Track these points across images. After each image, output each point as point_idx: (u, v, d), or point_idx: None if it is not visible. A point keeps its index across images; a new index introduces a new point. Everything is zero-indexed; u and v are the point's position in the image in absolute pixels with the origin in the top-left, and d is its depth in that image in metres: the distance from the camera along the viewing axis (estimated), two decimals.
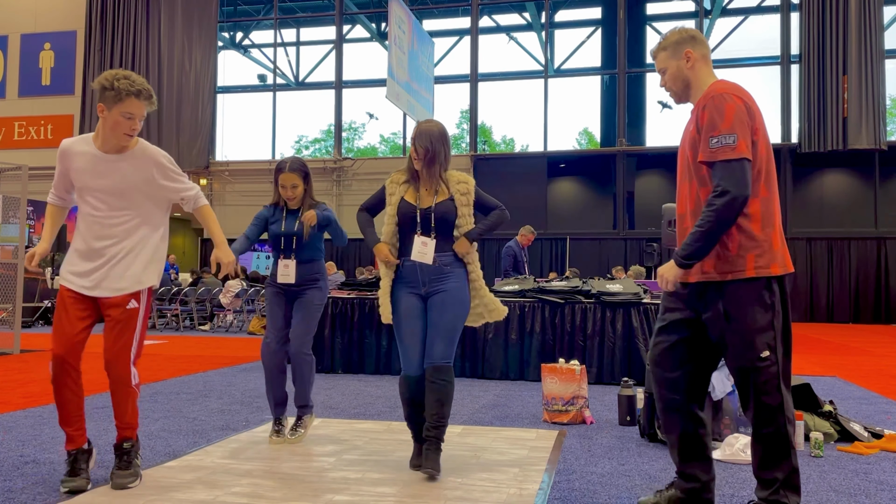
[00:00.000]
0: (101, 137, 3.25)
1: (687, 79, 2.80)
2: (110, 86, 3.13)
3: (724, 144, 2.56)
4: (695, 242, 2.61)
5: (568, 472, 3.59)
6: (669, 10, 20.86)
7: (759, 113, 2.67)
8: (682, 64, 2.79)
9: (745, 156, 2.55)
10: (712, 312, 2.71)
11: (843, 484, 3.40)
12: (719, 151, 2.57)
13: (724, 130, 2.56)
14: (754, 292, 2.65)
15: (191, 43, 19.87)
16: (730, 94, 2.61)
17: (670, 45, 2.81)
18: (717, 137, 2.57)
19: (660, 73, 2.86)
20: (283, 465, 3.66)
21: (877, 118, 16.45)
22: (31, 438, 4.18)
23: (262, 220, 4.20)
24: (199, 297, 13.29)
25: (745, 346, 2.65)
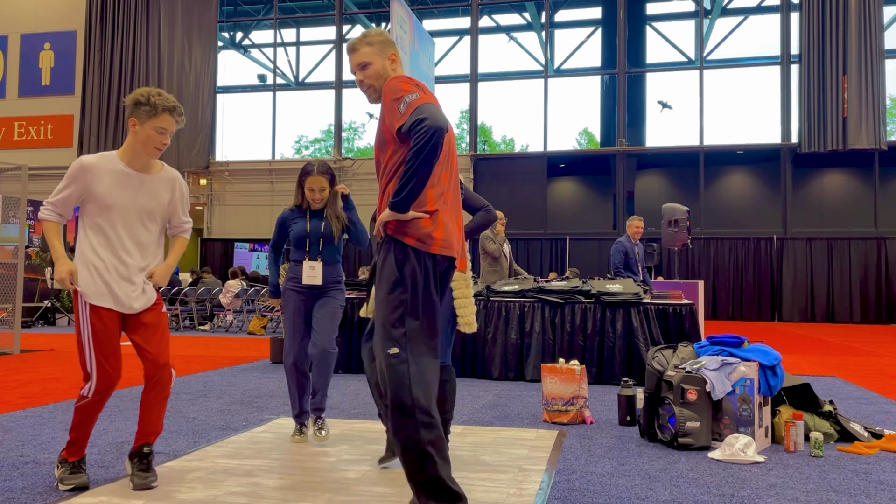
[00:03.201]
0: (131, 154, 3.27)
1: (388, 77, 2.87)
2: (146, 101, 3.20)
3: (408, 101, 2.62)
4: (401, 182, 2.64)
5: (568, 472, 3.59)
6: (669, 9, 20.87)
7: (436, 103, 2.73)
8: (388, 63, 2.88)
9: (427, 101, 2.62)
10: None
11: (843, 484, 3.40)
12: (407, 108, 2.62)
13: (406, 91, 2.65)
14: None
15: (191, 43, 19.87)
16: (400, 77, 2.73)
17: (377, 43, 2.87)
18: (402, 99, 2.64)
19: (358, 67, 2.89)
20: (283, 465, 3.66)
21: (877, 118, 16.45)
22: (31, 438, 4.18)
23: (279, 225, 4.20)
24: (199, 297, 13.29)
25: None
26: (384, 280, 2.70)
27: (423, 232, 2.70)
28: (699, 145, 18.00)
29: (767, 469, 3.66)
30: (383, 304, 2.69)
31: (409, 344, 2.65)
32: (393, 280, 2.68)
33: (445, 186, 2.81)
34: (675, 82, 29.07)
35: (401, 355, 2.63)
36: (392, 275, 2.68)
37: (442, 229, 2.74)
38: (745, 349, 4.33)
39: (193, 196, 20.20)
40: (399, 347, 2.64)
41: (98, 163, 3.23)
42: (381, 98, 2.76)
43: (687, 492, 3.25)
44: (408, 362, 2.63)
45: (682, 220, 11.04)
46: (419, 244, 2.69)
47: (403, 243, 2.69)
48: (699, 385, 4.09)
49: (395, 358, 2.64)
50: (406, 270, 2.67)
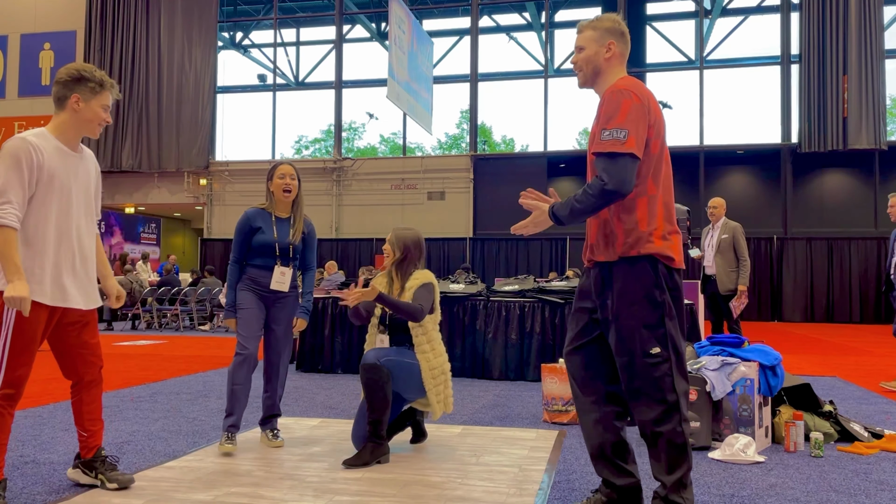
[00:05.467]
0: (69, 132, 3.06)
1: (599, 67, 2.80)
2: (91, 76, 3.05)
3: (614, 138, 2.57)
4: (564, 208, 2.65)
5: (568, 472, 3.59)
6: (669, 9, 20.86)
7: (660, 114, 2.70)
8: (602, 52, 2.78)
9: (632, 151, 2.56)
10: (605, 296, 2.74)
11: (843, 484, 3.40)
12: (608, 144, 2.58)
13: (616, 125, 2.58)
14: (639, 271, 2.65)
15: (191, 43, 19.87)
16: (629, 91, 2.62)
17: (600, 29, 2.79)
18: (610, 131, 2.59)
19: (576, 49, 2.84)
20: (283, 465, 3.66)
21: (877, 118, 16.45)
22: (31, 438, 4.18)
23: (247, 233, 3.99)
24: (199, 297, 13.29)
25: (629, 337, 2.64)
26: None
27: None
28: (699, 145, 18.00)
29: (767, 469, 3.65)
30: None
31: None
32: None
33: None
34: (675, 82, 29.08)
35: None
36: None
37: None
38: (745, 349, 4.33)
39: (193, 196, 20.21)
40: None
41: (36, 138, 2.96)
42: (602, 99, 2.68)
43: None
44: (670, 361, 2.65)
45: (683, 220, 11.03)
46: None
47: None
48: (699, 385, 4.08)
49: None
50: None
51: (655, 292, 2.61)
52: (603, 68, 2.78)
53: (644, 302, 2.60)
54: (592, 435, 2.78)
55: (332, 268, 12.80)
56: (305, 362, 7.38)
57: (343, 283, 7.83)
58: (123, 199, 20.62)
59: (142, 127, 19.80)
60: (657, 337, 2.60)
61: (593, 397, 2.78)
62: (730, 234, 7.35)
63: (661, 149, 2.68)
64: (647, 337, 2.59)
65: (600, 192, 2.56)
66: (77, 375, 3.16)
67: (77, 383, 3.17)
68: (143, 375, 6.96)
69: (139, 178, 20.23)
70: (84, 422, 3.18)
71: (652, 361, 2.59)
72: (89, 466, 3.21)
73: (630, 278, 2.62)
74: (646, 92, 2.66)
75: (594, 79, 2.81)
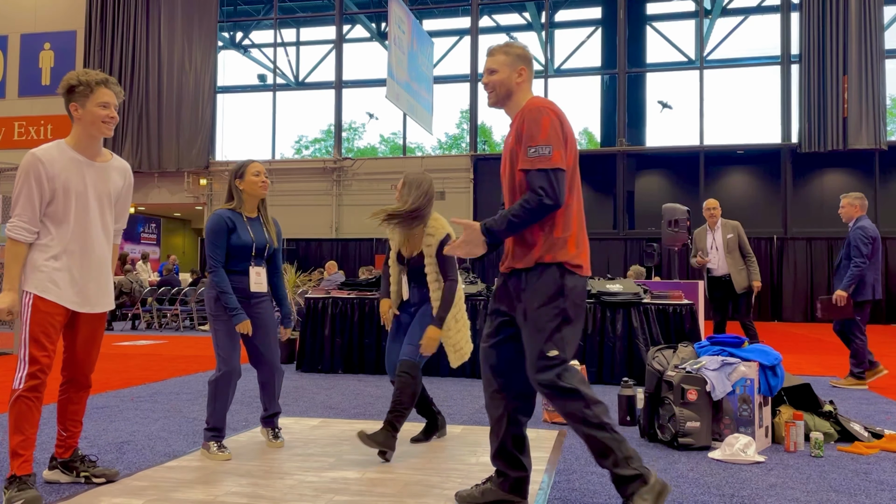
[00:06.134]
0: (82, 140, 3.15)
1: (511, 90, 2.97)
2: (77, 82, 3.11)
3: (540, 155, 2.74)
4: (501, 223, 2.77)
5: (568, 472, 3.59)
6: (669, 9, 20.86)
7: (570, 128, 2.89)
8: (514, 76, 2.96)
9: (558, 166, 2.75)
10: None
11: (843, 484, 3.40)
12: (537, 161, 2.75)
13: (541, 142, 2.76)
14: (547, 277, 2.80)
15: (191, 43, 19.87)
16: (546, 108, 2.82)
17: (512, 55, 2.98)
18: (535, 148, 2.76)
19: (488, 71, 2.99)
20: (282, 465, 3.66)
21: (877, 118, 16.45)
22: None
23: (224, 234, 3.81)
24: (199, 297, 13.29)
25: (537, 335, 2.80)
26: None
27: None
28: (699, 145, 18.00)
29: (767, 469, 3.65)
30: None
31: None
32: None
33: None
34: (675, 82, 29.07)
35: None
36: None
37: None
38: (745, 349, 4.33)
39: (193, 196, 20.21)
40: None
41: (47, 152, 3.07)
42: (522, 117, 2.84)
43: (687, 492, 3.25)
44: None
45: (682, 220, 11.04)
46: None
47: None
48: (699, 385, 4.08)
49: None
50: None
51: (559, 299, 2.77)
52: (514, 91, 2.97)
53: (547, 307, 2.77)
54: (498, 428, 2.94)
55: (332, 268, 12.80)
56: (305, 362, 7.37)
57: (343, 283, 7.83)
58: None
59: (142, 127, 19.80)
60: (555, 341, 2.75)
61: (502, 392, 2.94)
62: (734, 233, 7.33)
63: (575, 161, 2.89)
64: (547, 340, 2.75)
65: (539, 207, 2.72)
66: (73, 377, 3.24)
67: (69, 381, 3.25)
68: (143, 375, 6.96)
69: (139, 178, 20.23)
70: (66, 421, 3.26)
71: (549, 364, 2.75)
72: (68, 466, 3.27)
73: (539, 284, 2.78)
74: (558, 109, 2.87)
75: (505, 100, 2.99)
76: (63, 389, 3.26)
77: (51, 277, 3.05)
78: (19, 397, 2.97)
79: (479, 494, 2.96)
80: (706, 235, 7.55)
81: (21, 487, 2.94)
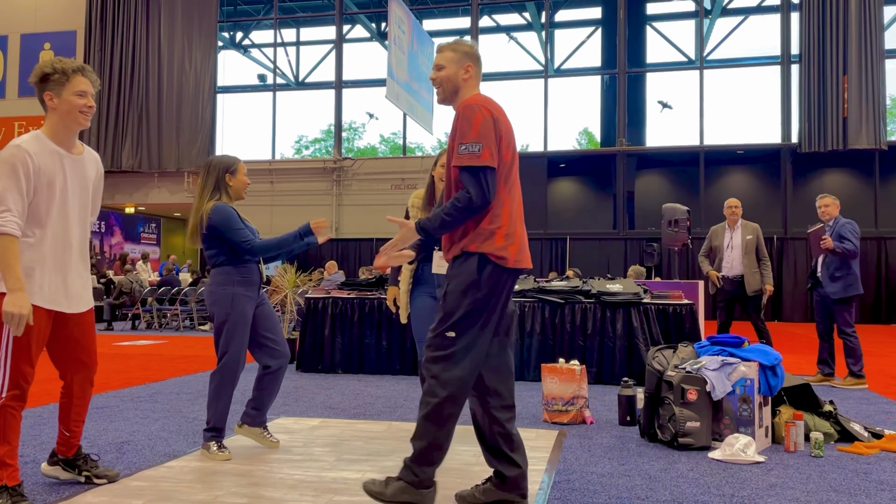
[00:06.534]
0: (59, 131, 3.02)
1: (457, 86, 3.00)
2: (53, 70, 2.99)
3: (470, 152, 2.78)
4: (434, 222, 2.82)
5: (568, 472, 3.59)
6: (669, 9, 20.86)
7: (508, 125, 2.91)
8: (461, 72, 2.99)
9: (487, 164, 2.77)
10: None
11: (843, 484, 3.40)
12: (466, 158, 2.78)
13: (471, 139, 2.79)
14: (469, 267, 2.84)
15: (191, 43, 19.87)
16: (479, 106, 2.83)
17: (460, 52, 3.00)
18: (466, 145, 2.79)
19: (436, 68, 3.03)
20: (282, 465, 3.66)
21: (877, 118, 16.45)
22: (31, 438, 4.18)
23: (238, 219, 3.75)
24: (199, 297, 13.29)
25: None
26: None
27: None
28: (699, 145, 18.00)
29: (767, 469, 3.65)
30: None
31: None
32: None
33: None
34: (675, 82, 29.06)
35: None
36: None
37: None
38: (745, 349, 4.33)
39: (193, 196, 20.19)
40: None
41: (30, 144, 2.92)
42: (457, 114, 2.88)
43: (687, 492, 3.25)
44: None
45: (682, 220, 11.04)
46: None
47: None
48: (699, 385, 4.08)
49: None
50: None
51: (472, 290, 2.81)
52: (461, 87, 3.00)
53: (460, 294, 2.82)
54: (481, 429, 2.96)
55: (332, 268, 12.79)
56: (305, 362, 7.37)
57: (343, 283, 7.83)
58: (123, 199, 20.63)
59: (142, 127, 19.80)
60: (457, 326, 2.81)
61: (475, 391, 2.97)
62: (754, 235, 7.25)
63: (512, 157, 2.92)
64: (451, 324, 2.81)
65: (468, 206, 2.77)
66: (71, 375, 3.18)
67: (70, 383, 3.19)
68: (143, 375, 6.96)
69: (139, 178, 20.24)
70: (69, 422, 3.21)
71: (443, 342, 2.81)
72: (71, 464, 3.26)
73: (460, 271, 2.84)
74: (495, 106, 2.89)
75: (452, 97, 3.02)
76: (64, 391, 3.20)
77: (38, 281, 2.93)
78: (4, 406, 2.86)
79: (480, 494, 2.98)
80: (723, 234, 7.45)
81: (16, 499, 2.86)
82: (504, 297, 2.89)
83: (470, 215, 2.80)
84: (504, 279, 2.87)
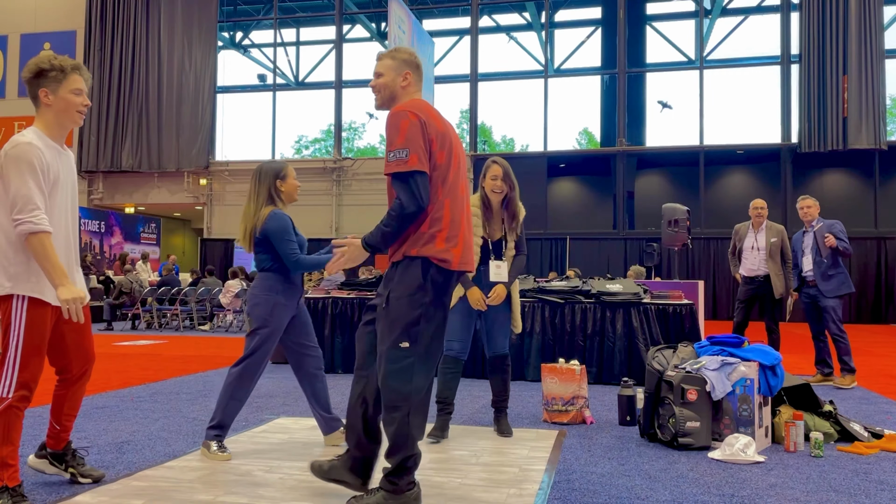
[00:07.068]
0: (54, 128, 3.02)
1: (395, 93, 3.02)
2: (50, 66, 2.98)
3: (398, 158, 2.77)
4: (376, 236, 2.82)
5: (568, 472, 3.59)
6: (669, 9, 20.86)
7: (443, 127, 2.89)
8: (398, 80, 3.01)
9: (415, 168, 2.76)
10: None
11: (843, 484, 3.40)
12: (394, 165, 2.78)
13: (399, 145, 2.78)
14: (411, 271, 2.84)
15: (191, 43, 19.87)
16: (406, 112, 2.81)
17: (398, 59, 3.02)
18: (394, 152, 2.79)
19: (375, 75, 3.05)
20: (282, 465, 3.66)
21: (877, 118, 16.45)
22: (31, 438, 4.18)
23: (292, 231, 3.83)
24: (199, 297, 13.29)
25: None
26: None
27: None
28: (699, 145, 18.00)
29: (767, 469, 3.66)
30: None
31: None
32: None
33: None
34: (675, 82, 29.06)
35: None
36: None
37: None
38: (745, 349, 4.33)
39: (193, 196, 20.20)
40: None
41: (34, 139, 2.94)
42: (386, 122, 2.89)
43: (687, 492, 3.25)
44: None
45: (682, 220, 11.04)
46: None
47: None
48: (699, 385, 4.08)
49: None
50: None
51: (419, 293, 2.80)
52: (399, 94, 3.01)
53: (407, 299, 2.80)
54: (353, 407, 2.97)
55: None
56: None
57: (343, 283, 7.83)
58: (123, 199, 20.62)
59: (142, 127, 19.80)
60: (409, 334, 2.79)
61: (365, 371, 2.98)
62: (779, 238, 7.17)
63: (449, 159, 2.89)
64: (401, 332, 2.79)
65: (403, 215, 2.77)
66: (66, 370, 3.18)
67: (65, 378, 3.19)
68: (143, 375, 6.96)
69: (139, 178, 20.23)
70: (61, 416, 3.22)
71: (398, 354, 2.80)
72: (58, 458, 3.25)
73: (403, 276, 2.83)
74: (425, 109, 2.86)
75: (390, 103, 3.03)
76: (58, 385, 3.20)
77: (42, 277, 2.94)
78: (9, 407, 2.86)
79: (328, 468, 3.01)
80: (747, 234, 7.38)
81: (16, 499, 2.86)
82: (448, 300, 2.91)
83: (408, 222, 2.77)
84: (448, 282, 2.87)
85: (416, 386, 2.80)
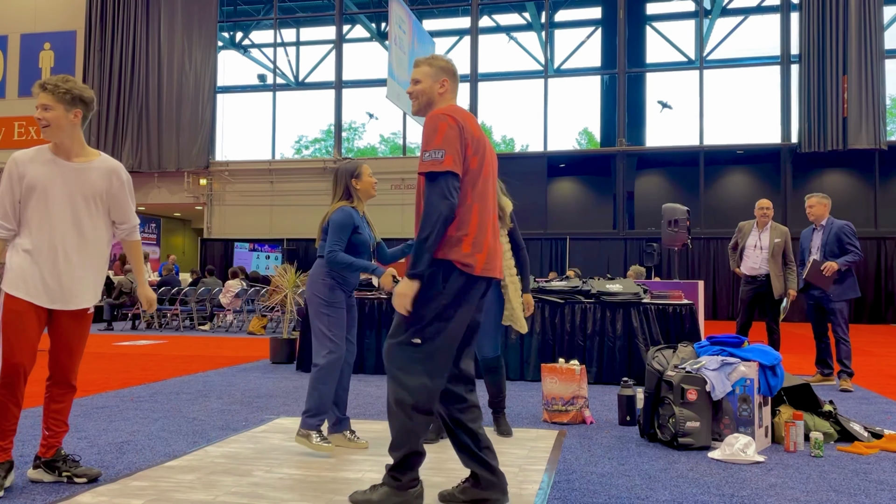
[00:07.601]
0: (53, 143, 3.28)
1: (432, 99, 3.08)
2: (34, 88, 3.24)
3: (433, 159, 2.81)
4: (418, 256, 2.80)
5: (568, 472, 3.59)
6: (669, 9, 20.87)
7: (479, 134, 2.94)
8: (436, 87, 3.07)
9: (449, 169, 2.80)
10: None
11: (843, 484, 3.40)
12: (429, 164, 2.82)
13: (435, 146, 2.82)
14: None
15: (191, 43, 19.87)
16: (445, 115, 2.87)
17: (436, 66, 3.09)
18: (430, 152, 2.83)
19: (413, 81, 3.11)
20: (282, 465, 3.66)
21: (877, 118, 16.46)
22: (32, 438, 4.18)
23: (350, 229, 3.90)
24: (199, 297, 13.29)
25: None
26: None
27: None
28: (699, 145, 18.00)
29: (767, 469, 3.66)
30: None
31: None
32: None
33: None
34: (675, 82, 29.07)
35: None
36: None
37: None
38: (745, 349, 4.33)
39: (193, 196, 20.21)
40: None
41: (29, 155, 3.23)
42: (424, 123, 2.92)
43: (687, 492, 3.25)
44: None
45: (682, 220, 11.04)
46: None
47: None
48: (699, 385, 4.09)
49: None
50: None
51: (437, 297, 2.83)
52: (436, 100, 3.08)
53: (424, 300, 2.83)
54: (448, 427, 3.00)
55: None
56: (305, 362, 7.38)
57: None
58: None
59: (142, 127, 19.80)
60: (422, 332, 2.83)
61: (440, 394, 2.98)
62: (782, 239, 7.14)
63: (481, 165, 2.93)
64: (415, 330, 2.83)
65: (435, 218, 2.78)
66: (54, 374, 3.30)
67: (53, 381, 3.30)
68: (143, 375, 6.96)
69: (139, 178, 20.23)
70: (49, 421, 3.30)
71: (409, 349, 2.84)
72: (51, 466, 3.30)
73: (429, 277, 2.84)
74: (463, 115, 2.92)
75: (427, 108, 3.09)
76: (47, 388, 3.31)
77: (22, 276, 3.13)
78: None
79: (459, 493, 3.01)
80: (751, 232, 7.34)
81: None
82: (470, 305, 2.89)
83: (441, 225, 2.78)
84: (470, 287, 2.87)
85: (423, 383, 2.82)
